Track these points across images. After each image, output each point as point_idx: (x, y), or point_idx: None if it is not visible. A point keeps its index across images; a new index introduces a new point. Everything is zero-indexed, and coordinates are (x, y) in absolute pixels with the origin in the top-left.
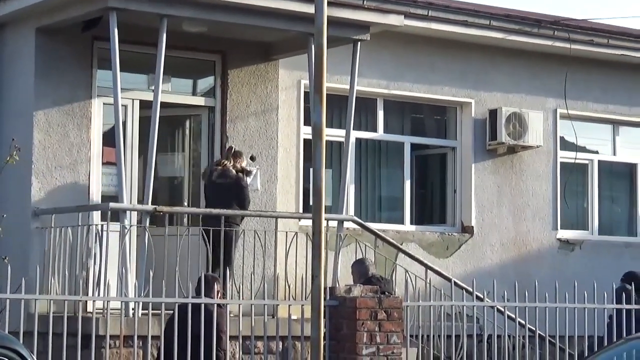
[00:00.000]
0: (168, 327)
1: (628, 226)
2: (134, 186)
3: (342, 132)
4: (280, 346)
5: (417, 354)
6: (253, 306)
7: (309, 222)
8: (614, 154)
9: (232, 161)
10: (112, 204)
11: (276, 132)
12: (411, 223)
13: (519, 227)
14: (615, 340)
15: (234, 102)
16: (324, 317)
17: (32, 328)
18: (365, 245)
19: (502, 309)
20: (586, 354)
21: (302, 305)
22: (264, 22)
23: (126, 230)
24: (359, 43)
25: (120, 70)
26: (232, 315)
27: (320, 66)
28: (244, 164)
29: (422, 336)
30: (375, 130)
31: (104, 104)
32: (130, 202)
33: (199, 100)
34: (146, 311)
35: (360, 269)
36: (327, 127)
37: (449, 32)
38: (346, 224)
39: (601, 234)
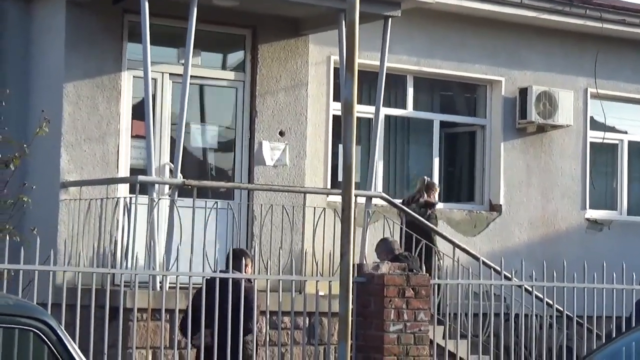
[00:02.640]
0: (195, 298)
1: None
2: (163, 159)
3: (372, 108)
4: (307, 322)
5: (444, 331)
6: (281, 282)
7: (337, 198)
8: None
9: (424, 194)
10: (140, 177)
11: (305, 107)
12: (439, 200)
13: (548, 207)
14: None
15: (263, 77)
16: (352, 294)
17: (60, 300)
18: (393, 222)
19: (530, 289)
20: (614, 335)
21: (330, 281)
22: None
23: (154, 203)
24: (390, 19)
25: (151, 44)
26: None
27: (351, 43)
28: (435, 195)
29: (449, 314)
30: (404, 107)
31: (133, 77)
32: (159, 176)
33: (229, 75)
34: (174, 284)
35: (386, 246)
36: (357, 103)
37: (481, 9)
38: (374, 201)
39: (630, 214)
